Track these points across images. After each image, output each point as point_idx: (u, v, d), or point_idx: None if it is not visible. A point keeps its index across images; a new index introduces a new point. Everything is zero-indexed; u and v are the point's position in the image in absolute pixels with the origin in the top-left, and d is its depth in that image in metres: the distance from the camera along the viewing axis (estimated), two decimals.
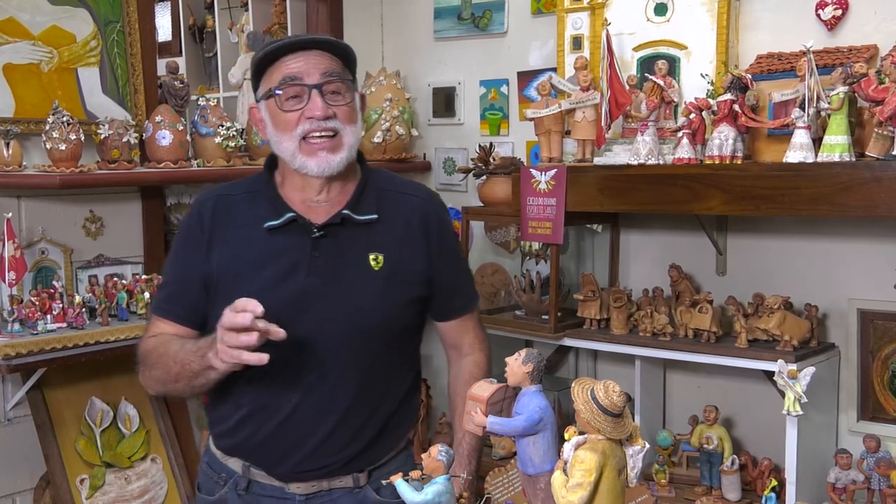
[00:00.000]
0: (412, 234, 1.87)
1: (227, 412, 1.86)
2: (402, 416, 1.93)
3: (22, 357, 2.58)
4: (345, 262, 1.80)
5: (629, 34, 2.87)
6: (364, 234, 1.82)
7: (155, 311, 1.90)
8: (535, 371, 1.48)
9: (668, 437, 2.96)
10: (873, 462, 2.52)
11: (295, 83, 1.75)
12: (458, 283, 1.97)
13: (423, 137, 3.76)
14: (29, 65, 2.87)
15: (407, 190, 1.94)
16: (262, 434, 1.81)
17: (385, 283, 1.80)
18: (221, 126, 3.14)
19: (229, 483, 1.88)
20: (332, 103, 1.76)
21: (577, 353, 3.37)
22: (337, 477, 1.85)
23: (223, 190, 1.91)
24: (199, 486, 1.98)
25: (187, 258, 1.86)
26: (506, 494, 2.89)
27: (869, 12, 2.58)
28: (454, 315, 1.97)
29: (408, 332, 1.91)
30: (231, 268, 1.80)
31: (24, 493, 2.90)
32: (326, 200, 1.83)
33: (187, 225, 1.89)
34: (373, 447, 1.86)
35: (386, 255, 1.82)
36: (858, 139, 2.35)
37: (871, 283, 2.66)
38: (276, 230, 1.80)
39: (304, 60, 1.76)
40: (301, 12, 3.90)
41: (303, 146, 1.76)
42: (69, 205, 3.00)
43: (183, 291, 1.85)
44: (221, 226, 1.84)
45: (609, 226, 3.20)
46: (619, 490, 1.37)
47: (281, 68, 1.77)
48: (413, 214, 1.88)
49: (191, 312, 1.85)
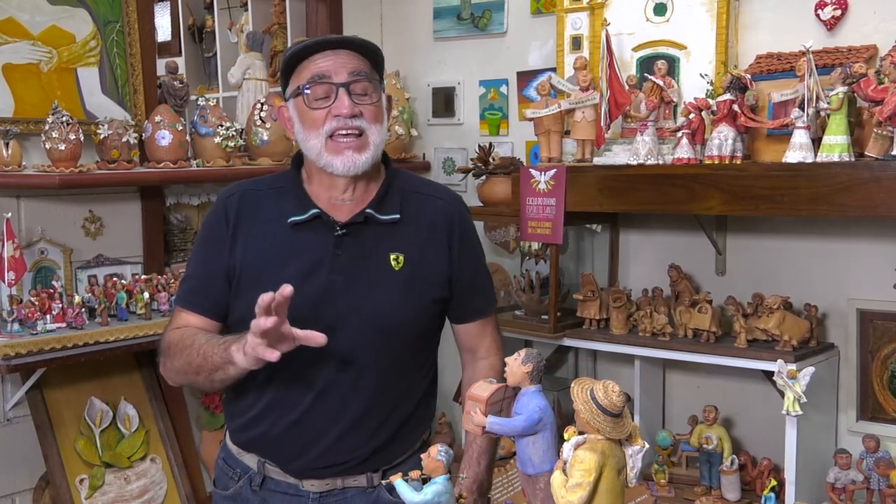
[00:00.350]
0: (435, 236, 1.88)
1: (245, 406, 1.86)
2: (419, 417, 1.93)
3: (21, 357, 2.58)
4: (366, 260, 1.81)
5: (628, 34, 2.87)
6: (386, 234, 1.83)
7: (179, 303, 1.91)
8: (535, 371, 1.48)
9: (667, 437, 2.96)
10: (872, 462, 2.52)
11: (323, 81, 1.77)
12: (478, 285, 1.97)
13: (422, 137, 3.76)
14: (28, 65, 2.87)
15: (432, 192, 1.95)
16: (278, 429, 1.82)
17: (405, 283, 1.81)
18: (221, 126, 3.14)
19: (244, 478, 1.89)
20: (359, 102, 1.78)
21: (576, 353, 3.37)
22: (351, 476, 1.85)
23: (249, 185, 1.92)
24: (215, 481, 1.99)
25: (211, 252, 1.86)
26: (505, 494, 2.89)
27: (868, 12, 2.58)
28: (472, 318, 1.97)
29: (427, 334, 1.91)
30: (255, 262, 1.81)
31: (24, 493, 2.90)
32: (351, 199, 1.85)
33: (212, 219, 1.89)
34: (388, 447, 1.87)
35: (407, 255, 1.83)
36: (858, 139, 2.35)
37: (870, 283, 2.66)
38: (301, 226, 1.81)
39: (332, 59, 1.78)
40: (301, 12, 3.90)
41: (329, 144, 1.78)
42: (68, 205, 2.99)
43: (206, 285, 1.86)
44: (246, 220, 1.85)
45: (608, 226, 3.20)
46: (618, 490, 1.37)
47: (310, 67, 1.79)
48: (437, 217, 1.90)
49: (214, 305, 1.85)
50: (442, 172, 3.70)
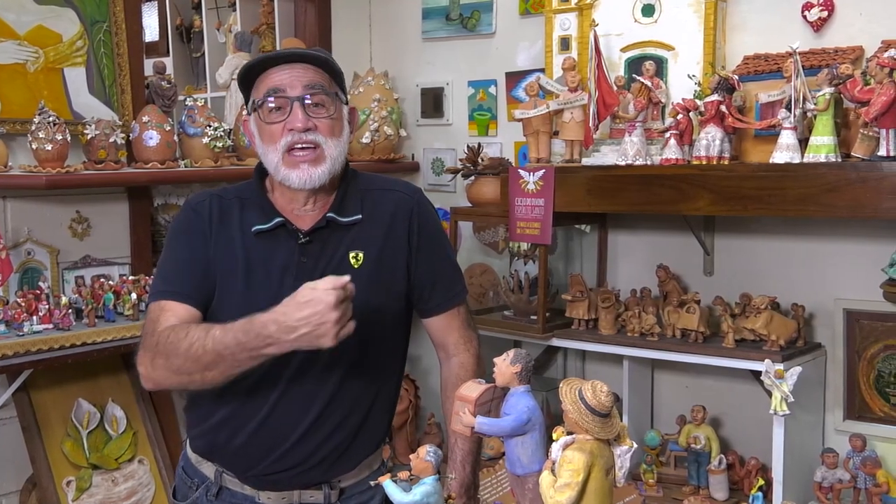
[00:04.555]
0: (394, 229, 1.87)
1: (206, 413, 1.84)
2: (378, 418, 1.90)
3: (8, 358, 2.57)
4: (328, 263, 1.79)
5: (617, 35, 2.87)
6: (348, 235, 1.83)
7: (162, 297, 1.79)
8: (524, 371, 1.48)
9: (655, 437, 2.97)
10: (859, 461, 2.54)
11: (278, 95, 1.76)
12: (440, 277, 1.93)
13: (411, 138, 3.76)
14: (14, 64, 2.85)
15: (389, 186, 1.94)
16: (241, 436, 1.79)
17: (365, 280, 1.79)
18: (209, 126, 3.13)
19: (201, 488, 1.88)
20: (314, 115, 1.76)
21: (565, 354, 3.38)
22: (308, 490, 1.84)
23: (217, 192, 1.90)
24: (174, 491, 1.97)
25: (194, 246, 1.81)
26: (494, 495, 2.89)
27: (854, 14, 2.59)
28: (436, 311, 1.94)
29: (390, 332, 1.90)
30: (221, 270, 1.80)
31: (10, 496, 2.88)
32: (313, 209, 1.84)
33: (186, 220, 1.85)
34: (345, 453, 1.85)
35: (366, 252, 1.82)
36: (844, 140, 2.37)
37: (857, 283, 2.67)
38: (265, 234, 1.80)
39: (289, 73, 1.77)
40: (289, 13, 3.89)
41: (286, 158, 1.76)
42: (55, 205, 2.98)
43: (188, 272, 1.79)
44: (217, 224, 1.83)
45: (597, 226, 3.20)
46: (607, 490, 1.37)
47: (266, 81, 1.78)
48: (396, 208, 1.88)
49: (202, 295, 1.78)
50: (431, 173, 3.70)
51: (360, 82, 3.58)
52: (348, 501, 1.88)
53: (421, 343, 2.10)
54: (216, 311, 1.79)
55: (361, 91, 3.55)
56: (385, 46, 3.80)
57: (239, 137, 3.27)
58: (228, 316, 1.71)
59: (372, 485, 1.81)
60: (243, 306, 1.72)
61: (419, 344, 2.10)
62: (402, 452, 3.31)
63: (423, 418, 3.51)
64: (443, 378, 1.99)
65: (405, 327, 1.96)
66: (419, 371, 3.52)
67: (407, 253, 1.88)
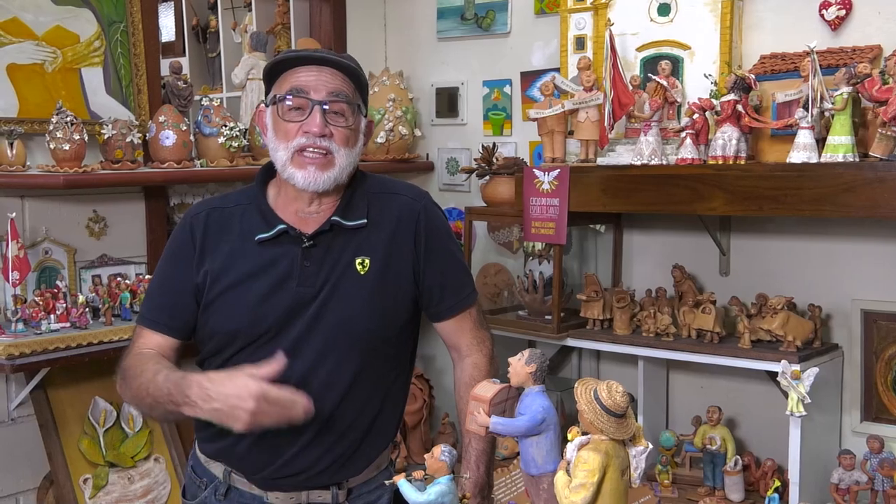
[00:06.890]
0: (401, 234, 1.86)
1: None
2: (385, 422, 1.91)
3: (25, 357, 2.59)
4: (333, 268, 1.79)
5: (632, 34, 2.86)
6: (353, 240, 1.82)
7: (141, 322, 1.87)
8: (539, 371, 1.48)
9: (671, 438, 2.96)
10: (877, 463, 2.52)
11: (301, 96, 1.75)
12: (449, 282, 1.92)
13: (426, 138, 3.76)
14: (32, 65, 2.87)
15: (396, 190, 1.93)
16: (244, 440, 1.79)
17: (372, 286, 1.80)
18: (225, 126, 3.14)
19: (209, 487, 1.88)
20: (332, 123, 1.76)
21: (580, 354, 3.37)
22: (316, 490, 1.84)
23: (216, 202, 1.91)
24: (184, 490, 1.98)
25: (177, 270, 1.85)
26: (508, 495, 2.89)
27: (873, 12, 2.57)
28: (447, 315, 1.94)
29: (398, 337, 1.89)
30: (224, 279, 1.80)
31: (28, 493, 2.91)
32: (318, 212, 1.83)
33: (178, 238, 1.88)
34: (353, 456, 1.85)
35: (372, 257, 1.81)
36: (862, 139, 2.35)
37: (874, 283, 2.66)
38: (268, 242, 1.81)
39: (316, 75, 1.76)
40: (304, 13, 3.89)
41: (295, 158, 1.77)
42: (73, 205, 3.00)
43: (171, 302, 1.84)
44: (213, 239, 1.84)
45: (612, 226, 3.20)
46: (622, 491, 1.37)
47: (291, 78, 1.77)
48: (401, 212, 1.88)
49: (180, 323, 1.84)
50: (445, 173, 3.70)
51: (375, 82, 3.59)
52: (356, 501, 1.88)
53: (435, 343, 2.11)
54: (221, 322, 1.80)
55: (376, 91, 3.55)
56: (400, 46, 3.80)
57: (255, 137, 3.28)
58: (233, 325, 1.74)
59: (386, 484, 1.81)
60: (247, 315, 1.76)
61: (433, 344, 2.11)
62: (416, 452, 3.31)
63: (438, 418, 3.51)
64: (456, 378, 1.99)
65: (413, 331, 1.95)
66: (434, 370, 3.52)
67: (413, 259, 1.87)
